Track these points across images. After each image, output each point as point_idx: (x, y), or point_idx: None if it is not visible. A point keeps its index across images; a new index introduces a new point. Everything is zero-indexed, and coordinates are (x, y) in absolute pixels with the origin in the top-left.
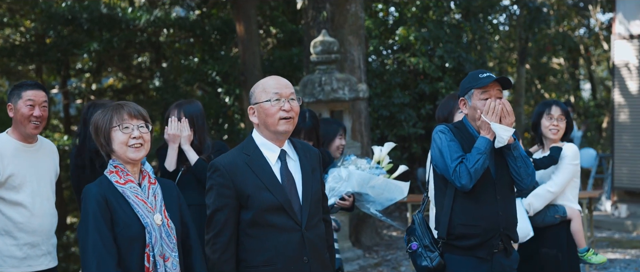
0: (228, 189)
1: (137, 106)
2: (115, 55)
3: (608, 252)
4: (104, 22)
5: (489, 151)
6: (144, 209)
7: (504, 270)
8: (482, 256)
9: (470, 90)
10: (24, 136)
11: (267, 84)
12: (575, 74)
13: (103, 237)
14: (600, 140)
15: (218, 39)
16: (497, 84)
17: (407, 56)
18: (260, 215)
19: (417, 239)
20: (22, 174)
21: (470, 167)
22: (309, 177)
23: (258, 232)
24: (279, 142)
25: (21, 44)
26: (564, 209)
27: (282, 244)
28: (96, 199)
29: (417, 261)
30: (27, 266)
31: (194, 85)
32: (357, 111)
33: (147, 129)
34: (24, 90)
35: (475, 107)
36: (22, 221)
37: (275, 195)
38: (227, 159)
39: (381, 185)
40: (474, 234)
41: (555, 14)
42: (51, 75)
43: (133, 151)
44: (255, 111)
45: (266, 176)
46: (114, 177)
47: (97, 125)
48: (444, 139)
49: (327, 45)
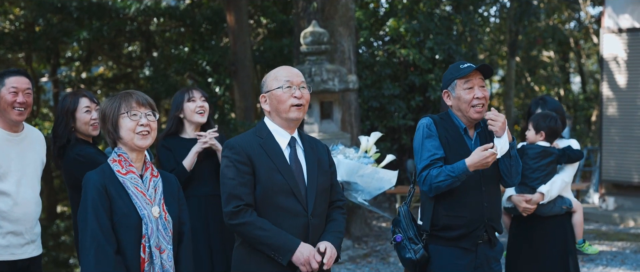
0: (245, 165)
1: (145, 95)
2: (105, 44)
3: (595, 244)
4: (93, 11)
5: (462, 178)
6: (142, 201)
7: (488, 260)
8: (467, 246)
9: (453, 81)
10: (9, 124)
11: (279, 73)
12: (565, 67)
13: (102, 226)
14: (589, 133)
15: (208, 28)
16: (478, 73)
17: (397, 48)
18: (269, 196)
19: (402, 231)
20: (6, 163)
21: (434, 182)
22: (315, 167)
23: (266, 213)
24: (290, 130)
25: (10, 32)
26: (570, 201)
27: (288, 228)
28: (96, 188)
29: (401, 252)
30: (9, 254)
31: (185, 74)
32: (347, 102)
33: (154, 117)
34: (7, 77)
35: (460, 97)
36: (5, 210)
37: (285, 178)
38: (242, 139)
39: (370, 174)
40: (459, 224)
41: (545, 7)
42: (41, 64)
43: (140, 138)
44: (267, 99)
45: (278, 159)
46: (116, 167)
47: (105, 112)
48: (421, 135)
49: (317, 36)
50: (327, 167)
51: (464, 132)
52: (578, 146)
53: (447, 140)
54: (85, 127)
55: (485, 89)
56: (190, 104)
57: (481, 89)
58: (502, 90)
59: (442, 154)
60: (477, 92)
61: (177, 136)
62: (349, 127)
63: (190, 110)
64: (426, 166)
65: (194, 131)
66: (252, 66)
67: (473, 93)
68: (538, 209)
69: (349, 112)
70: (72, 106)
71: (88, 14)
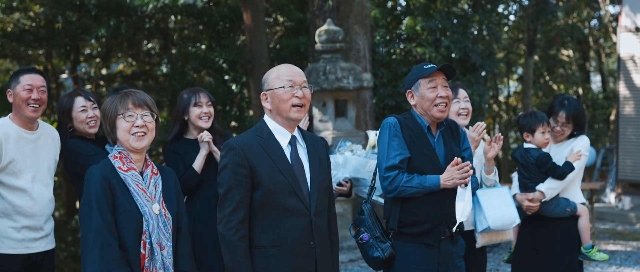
0: (243, 167)
1: (143, 95)
2: (124, 41)
3: (610, 244)
4: (111, 8)
5: (428, 191)
6: (143, 198)
7: (451, 256)
8: (430, 242)
9: (417, 81)
10: (25, 121)
11: (281, 72)
12: (584, 66)
13: (105, 220)
14: (608, 132)
15: (225, 26)
16: (441, 73)
17: (413, 46)
18: (271, 196)
19: (368, 230)
20: (22, 160)
21: (401, 186)
22: (317, 165)
23: (268, 213)
24: (290, 128)
25: (30, 29)
26: (575, 205)
27: (291, 227)
28: (99, 182)
29: (368, 252)
30: (25, 248)
31: (202, 72)
32: (361, 100)
33: (151, 118)
34: (21, 75)
35: (423, 96)
36: (21, 205)
37: (287, 177)
38: (242, 139)
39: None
40: (423, 220)
41: (564, 6)
42: (61, 60)
43: (135, 140)
44: (268, 97)
45: (279, 159)
46: (118, 163)
47: (105, 112)
48: (388, 134)
49: (332, 34)
50: (327, 165)
51: (428, 130)
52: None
53: (411, 139)
54: (82, 126)
55: (448, 88)
56: (196, 109)
57: (444, 88)
58: (520, 88)
59: (407, 155)
60: (441, 91)
61: (181, 136)
62: (363, 125)
63: (195, 115)
64: (394, 166)
65: (197, 133)
66: (268, 64)
67: (436, 92)
68: (541, 209)
69: (364, 110)
70: (67, 106)
71: (106, 11)
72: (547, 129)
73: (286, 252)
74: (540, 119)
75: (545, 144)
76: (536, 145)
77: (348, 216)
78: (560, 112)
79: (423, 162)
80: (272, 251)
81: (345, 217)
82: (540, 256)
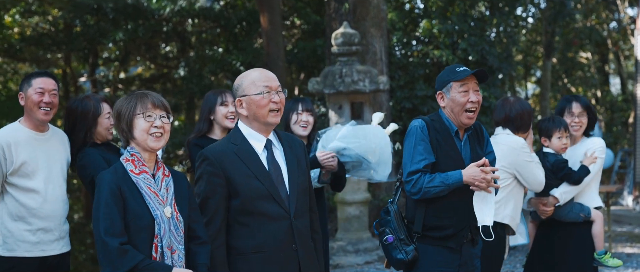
0: (218, 177)
1: (160, 96)
2: (142, 44)
3: (626, 247)
4: (129, 12)
5: (453, 188)
6: (155, 201)
7: (471, 258)
8: (453, 246)
9: (449, 83)
10: (36, 124)
11: (255, 77)
12: (603, 69)
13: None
14: (626, 135)
15: (243, 29)
16: (473, 78)
17: (430, 49)
18: (249, 203)
19: (393, 231)
20: (34, 162)
21: (425, 187)
22: (294, 167)
23: (248, 220)
24: (266, 133)
25: (49, 33)
26: (589, 210)
27: (271, 232)
28: (110, 187)
29: (392, 253)
30: (40, 251)
31: (219, 75)
32: (378, 103)
33: (168, 120)
34: (33, 78)
35: (454, 99)
36: (35, 207)
37: (263, 183)
38: (216, 148)
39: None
40: (448, 225)
41: (583, 8)
42: (80, 64)
43: (153, 140)
44: (243, 103)
45: (254, 165)
46: (129, 166)
47: (120, 111)
48: (415, 138)
49: (348, 37)
50: (305, 166)
51: (455, 134)
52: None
53: (438, 141)
54: (105, 132)
55: (479, 93)
56: (222, 107)
57: (475, 93)
58: (538, 91)
59: (433, 160)
60: (472, 96)
61: (205, 136)
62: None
63: (221, 115)
64: (418, 170)
65: (222, 134)
66: (285, 67)
67: (468, 96)
68: (555, 213)
69: None
70: (97, 111)
71: (124, 15)
72: (564, 134)
73: (268, 258)
74: (557, 124)
75: (563, 149)
76: (554, 149)
77: (364, 219)
78: (573, 103)
79: (449, 166)
80: (254, 258)
81: (361, 219)
82: (554, 261)
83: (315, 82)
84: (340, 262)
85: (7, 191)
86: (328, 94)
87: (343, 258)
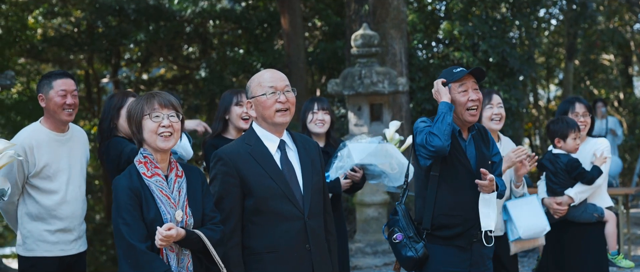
0: (232, 177)
1: (169, 96)
2: (163, 46)
3: None
4: (150, 13)
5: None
6: (166, 205)
7: (482, 258)
8: (462, 245)
9: (448, 85)
10: (57, 125)
11: (263, 78)
12: (626, 71)
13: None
14: None
15: (264, 31)
16: (471, 77)
17: (451, 50)
18: (263, 202)
19: (402, 230)
20: (56, 163)
21: (433, 127)
22: (309, 167)
23: (262, 219)
24: (278, 133)
25: (71, 34)
26: (602, 211)
27: (285, 232)
28: (126, 191)
29: (402, 251)
30: (59, 250)
31: (240, 76)
32: (397, 105)
33: (177, 119)
34: (54, 79)
35: (455, 100)
36: (55, 208)
37: (277, 183)
38: (230, 149)
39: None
40: (455, 223)
41: (605, 10)
42: (102, 65)
43: (162, 140)
44: (252, 105)
45: (268, 165)
46: (142, 169)
47: (130, 113)
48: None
49: (367, 39)
50: (320, 167)
51: (459, 134)
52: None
53: None
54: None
55: (478, 91)
56: (237, 108)
57: (475, 91)
58: (560, 93)
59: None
60: (472, 94)
61: (221, 136)
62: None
63: (236, 115)
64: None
65: (237, 134)
66: (306, 68)
67: (468, 96)
68: (569, 214)
69: (400, 115)
70: (120, 104)
71: (145, 16)
72: (578, 135)
73: (282, 258)
74: (572, 125)
75: (576, 149)
76: (567, 151)
77: (383, 220)
78: (576, 104)
79: (454, 164)
80: (267, 257)
81: (380, 221)
82: (567, 261)
83: (334, 84)
84: (358, 263)
85: (27, 191)
86: (347, 96)
87: (361, 260)
